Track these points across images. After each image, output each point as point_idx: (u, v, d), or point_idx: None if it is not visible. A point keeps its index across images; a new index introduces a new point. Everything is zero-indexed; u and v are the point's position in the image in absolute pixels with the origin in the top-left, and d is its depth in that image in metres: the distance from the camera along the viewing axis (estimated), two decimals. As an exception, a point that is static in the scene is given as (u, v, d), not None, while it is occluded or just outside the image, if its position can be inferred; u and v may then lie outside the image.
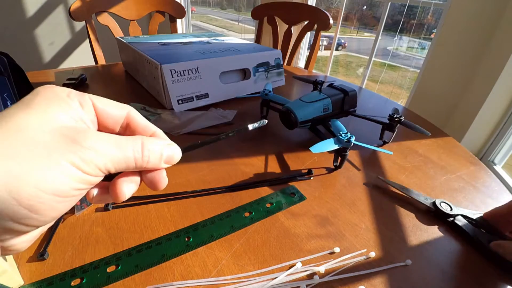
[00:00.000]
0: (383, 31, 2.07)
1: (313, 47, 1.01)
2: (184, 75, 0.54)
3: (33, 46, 1.70)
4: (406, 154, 0.46)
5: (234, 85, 0.62)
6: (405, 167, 0.43)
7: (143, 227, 0.30)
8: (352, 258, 0.28)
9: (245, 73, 0.66)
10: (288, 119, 0.45)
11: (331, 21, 0.96)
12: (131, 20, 0.99)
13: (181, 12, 1.07)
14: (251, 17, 1.17)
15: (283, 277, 0.25)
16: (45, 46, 1.74)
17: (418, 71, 1.99)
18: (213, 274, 0.25)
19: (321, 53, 5.61)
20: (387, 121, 0.46)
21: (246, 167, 0.40)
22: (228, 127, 0.51)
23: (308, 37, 2.14)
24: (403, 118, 0.45)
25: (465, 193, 0.38)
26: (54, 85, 0.15)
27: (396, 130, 0.46)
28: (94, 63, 0.92)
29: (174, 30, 1.09)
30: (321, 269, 0.26)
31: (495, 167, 1.44)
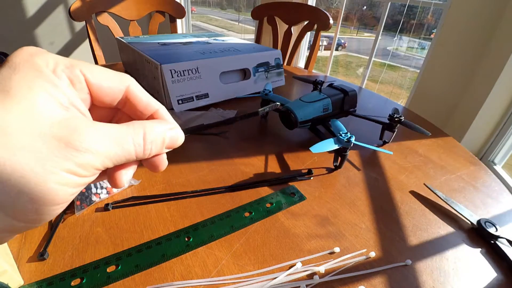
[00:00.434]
0: (383, 31, 2.07)
1: (313, 47, 1.01)
2: (184, 75, 0.54)
3: (33, 46, 1.70)
4: (406, 154, 0.46)
5: (234, 85, 0.62)
6: (405, 167, 0.43)
7: (143, 227, 0.30)
8: (352, 258, 0.28)
9: (245, 73, 0.66)
10: (288, 119, 0.45)
11: (331, 21, 0.96)
12: (131, 20, 0.99)
13: (181, 12, 1.07)
14: (251, 17, 1.17)
15: (283, 277, 0.25)
16: (45, 46, 1.74)
17: (418, 71, 1.99)
18: (213, 274, 0.25)
19: (321, 53, 5.61)
20: (387, 121, 0.46)
21: (246, 167, 0.40)
22: (228, 127, 0.51)
23: (308, 37, 2.14)
24: (403, 118, 0.45)
25: (465, 193, 0.38)
26: (34, 53, 0.13)
27: (396, 130, 0.46)
28: (94, 63, 0.92)
29: (174, 30, 1.09)
30: (321, 269, 0.26)
31: (495, 167, 1.44)
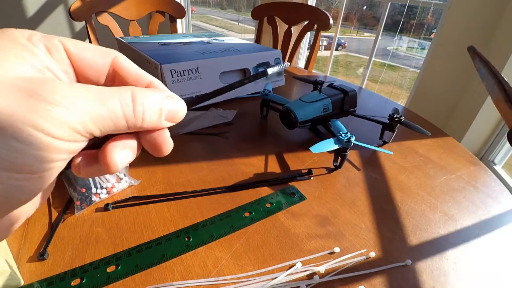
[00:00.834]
0: (383, 31, 2.07)
1: (313, 47, 1.01)
2: (184, 75, 0.54)
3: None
4: (406, 154, 0.46)
5: (234, 85, 0.62)
6: (405, 167, 0.43)
7: (143, 227, 0.30)
8: (352, 258, 0.28)
9: (245, 73, 0.66)
10: (288, 119, 0.45)
11: (331, 21, 0.96)
12: (131, 20, 0.99)
13: (181, 12, 1.07)
14: (251, 17, 1.17)
15: (283, 277, 0.25)
16: (45, 46, 1.74)
17: (418, 71, 1.99)
18: (213, 274, 0.25)
19: (321, 53, 5.61)
20: (387, 121, 0.46)
21: (246, 167, 0.40)
22: (228, 127, 0.51)
23: (308, 37, 2.14)
24: (403, 118, 0.45)
25: (465, 193, 0.38)
26: (11, 28, 0.12)
27: (396, 130, 0.46)
28: (94, 63, 0.92)
29: (174, 30, 1.09)
30: (321, 269, 0.26)
31: (495, 167, 1.44)
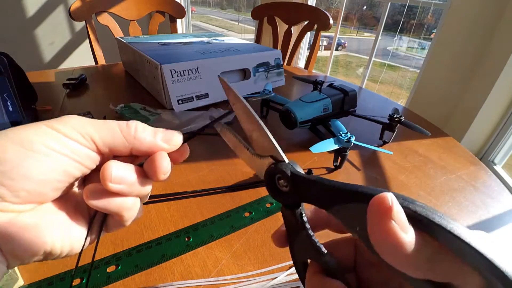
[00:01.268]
0: (383, 31, 2.07)
1: (313, 47, 1.01)
2: (184, 75, 0.54)
3: (33, 46, 1.70)
4: (406, 154, 0.46)
5: (234, 85, 0.62)
6: (405, 167, 0.43)
7: (143, 227, 0.30)
8: (352, 258, 0.28)
9: (245, 73, 0.66)
10: (288, 119, 0.45)
11: (331, 21, 0.96)
12: (131, 20, 0.99)
13: (181, 12, 1.07)
14: (251, 17, 1.17)
15: (283, 277, 0.25)
16: (45, 46, 1.74)
17: (418, 71, 1.99)
18: (213, 274, 0.25)
19: (321, 53, 5.60)
20: (387, 121, 0.46)
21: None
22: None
23: (308, 37, 2.14)
24: (403, 118, 0.45)
25: (465, 193, 0.38)
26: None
27: (396, 130, 0.46)
28: (94, 63, 0.92)
29: (174, 30, 1.09)
30: (321, 269, 0.26)
31: (495, 167, 1.44)
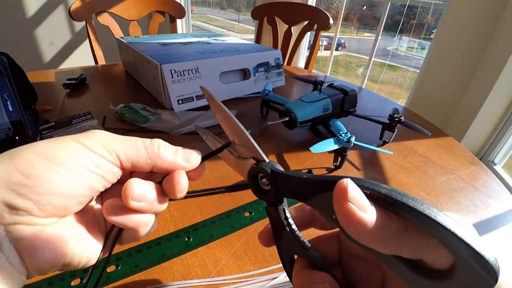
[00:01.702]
0: (383, 31, 2.07)
1: (313, 47, 1.01)
2: (184, 75, 0.54)
3: (33, 46, 1.70)
4: (406, 154, 0.46)
5: (234, 85, 0.62)
6: (405, 167, 0.43)
7: (143, 227, 0.30)
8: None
9: (245, 73, 0.66)
10: (288, 119, 0.45)
11: (331, 21, 0.96)
12: (131, 20, 0.99)
13: (181, 12, 1.07)
14: (251, 17, 1.17)
15: (283, 277, 0.25)
16: (45, 46, 1.74)
17: (418, 71, 1.99)
18: (213, 274, 0.25)
19: (321, 53, 5.60)
20: (387, 121, 0.46)
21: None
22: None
23: (308, 37, 2.14)
24: (403, 118, 0.45)
25: (465, 193, 0.38)
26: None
27: (396, 130, 0.46)
28: (94, 63, 0.92)
29: (174, 30, 1.09)
30: (321, 269, 0.26)
31: (495, 167, 1.44)
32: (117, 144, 0.15)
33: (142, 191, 0.15)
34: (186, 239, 0.29)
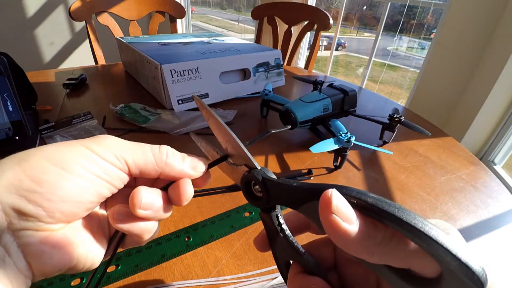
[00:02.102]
0: (383, 31, 2.07)
1: (313, 47, 1.01)
2: (184, 75, 0.54)
3: (33, 46, 1.70)
4: (406, 154, 0.46)
5: (234, 85, 0.62)
6: (405, 167, 0.43)
7: (143, 227, 0.30)
8: (352, 258, 0.28)
9: (245, 73, 0.66)
10: (288, 119, 0.45)
11: (331, 21, 0.96)
12: (131, 20, 0.99)
13: (181, 12, 1.07)
14: (251, 17, 1.17)
15: (283, 277, 0.25)
16: (45, 46, 1.74)
17: (418, 71, 1.99)
18: (213, 274, 0.25)
19: (321, 53, 5.60)
20: (387, 121, 0.46)
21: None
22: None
23: (308, 37, 2.14)
24: (403, 118, 0.45)
25: (465, 193, 0.38)
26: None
27: (396, 130, 0.46)
28: (94, 63, 0.92)
29: (174, 30, 1.09)
30: (321, 269, 0.26)
31: (495, 167, 1.44)
32: (126, 150, 0.15)
33: (149, 200, 0.15)
34: (186, 239, 0.29)
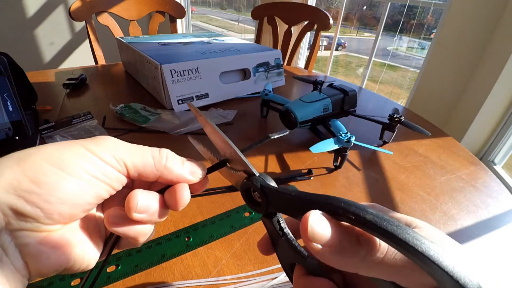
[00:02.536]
0: (383, 31, 2.07)
1: (313, 47, 1.01)
2: (184, 75, 0.54)
3: (33, 46, 1.69)
4: (406, 154, 0.46)
5: (234, 85, 0.62)
6: (405, 167, 0.43)
7: (143, 227, 0.30)
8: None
9: (245, 73, 0.66)
10: (288, 119, 0.45)
11: (331, 21, 0.96)
12: (131, 20, 0.99)
13: (181, 12, 1.07)
14: (251, 17, 1.17)
15: (283, 277, 0.25)
16: (45, 46, 1.74)
17: (418, 71, 1.99)
18: (213, 274, 0.25)
19: (321, 53, 5.60)
20: (387, 121, 0.46)
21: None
22: (228, 127, 0.51)
23: (308, 37, 2.14)
24: (403, 118, 0.45)
25: (465, 193, 0.38)
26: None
27: (396, 130, 0.46)
28: (94, 63, 0.92)
29: (174, 30, 1.09)
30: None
31: (495, 167, 1.44)
32: (126, 152, 0.15)
33: (145, 203, 0.15)
34: (186, 239, 0.29)
